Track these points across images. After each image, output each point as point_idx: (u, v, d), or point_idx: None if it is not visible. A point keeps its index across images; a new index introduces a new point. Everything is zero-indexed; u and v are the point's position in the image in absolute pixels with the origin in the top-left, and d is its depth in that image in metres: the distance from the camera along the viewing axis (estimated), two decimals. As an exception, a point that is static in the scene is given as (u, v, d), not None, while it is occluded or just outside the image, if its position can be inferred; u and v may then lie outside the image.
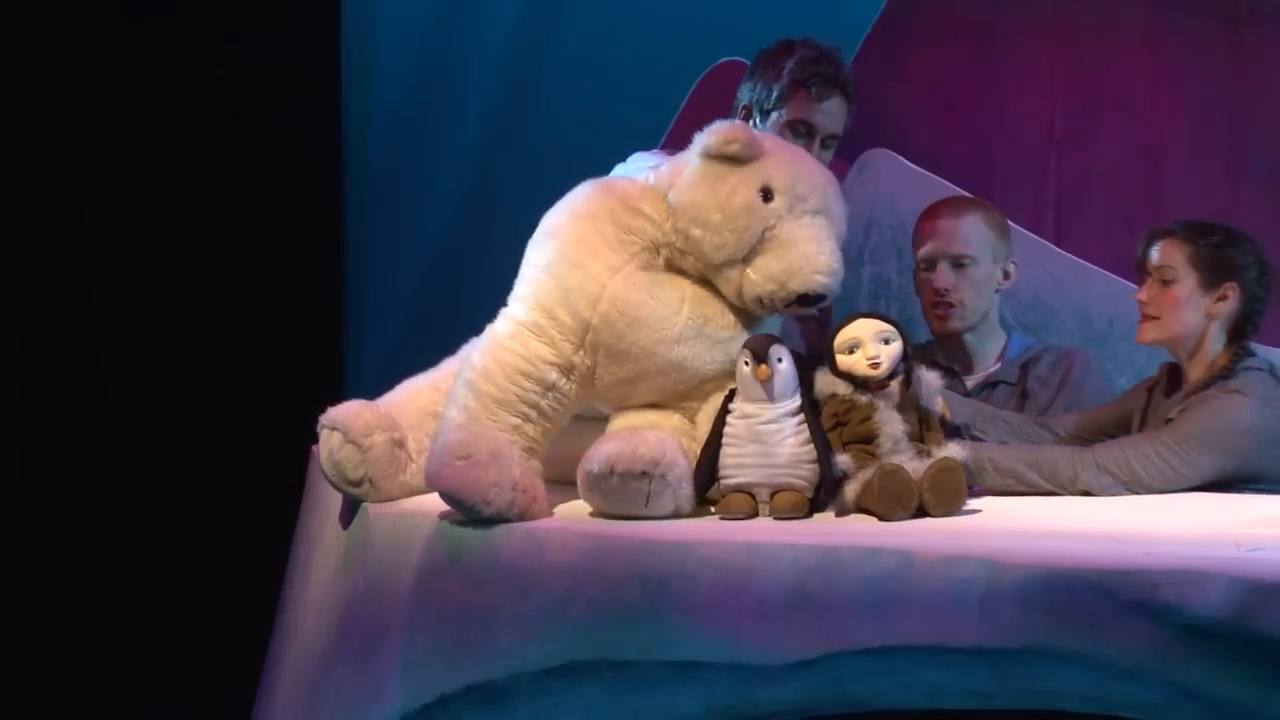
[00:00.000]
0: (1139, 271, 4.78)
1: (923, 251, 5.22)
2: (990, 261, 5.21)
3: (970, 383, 5.19)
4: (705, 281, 4.26)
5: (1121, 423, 4.75)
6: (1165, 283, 4.71)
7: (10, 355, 6.18)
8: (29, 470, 6.20)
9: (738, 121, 4.40)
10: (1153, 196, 6.02)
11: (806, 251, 4.16)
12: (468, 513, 4.07)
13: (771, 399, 4.13)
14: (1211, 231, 4.73)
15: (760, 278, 4.18)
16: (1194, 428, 4.52)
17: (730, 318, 4.25)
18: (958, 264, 5.19)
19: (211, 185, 6.14)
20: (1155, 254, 4.73)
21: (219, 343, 6.14)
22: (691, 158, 4.28)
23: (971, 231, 5.19)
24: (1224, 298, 4.68)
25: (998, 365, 5.24)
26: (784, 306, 4.20)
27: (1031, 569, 3.68)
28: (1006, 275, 5.25)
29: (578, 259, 4.25)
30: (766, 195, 4.21)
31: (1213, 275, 4.68)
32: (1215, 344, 4.70)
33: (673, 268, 4.27)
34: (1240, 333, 4.70)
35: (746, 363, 4.15)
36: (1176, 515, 4.20)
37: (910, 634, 3.72)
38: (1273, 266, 4.81)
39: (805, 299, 4.17)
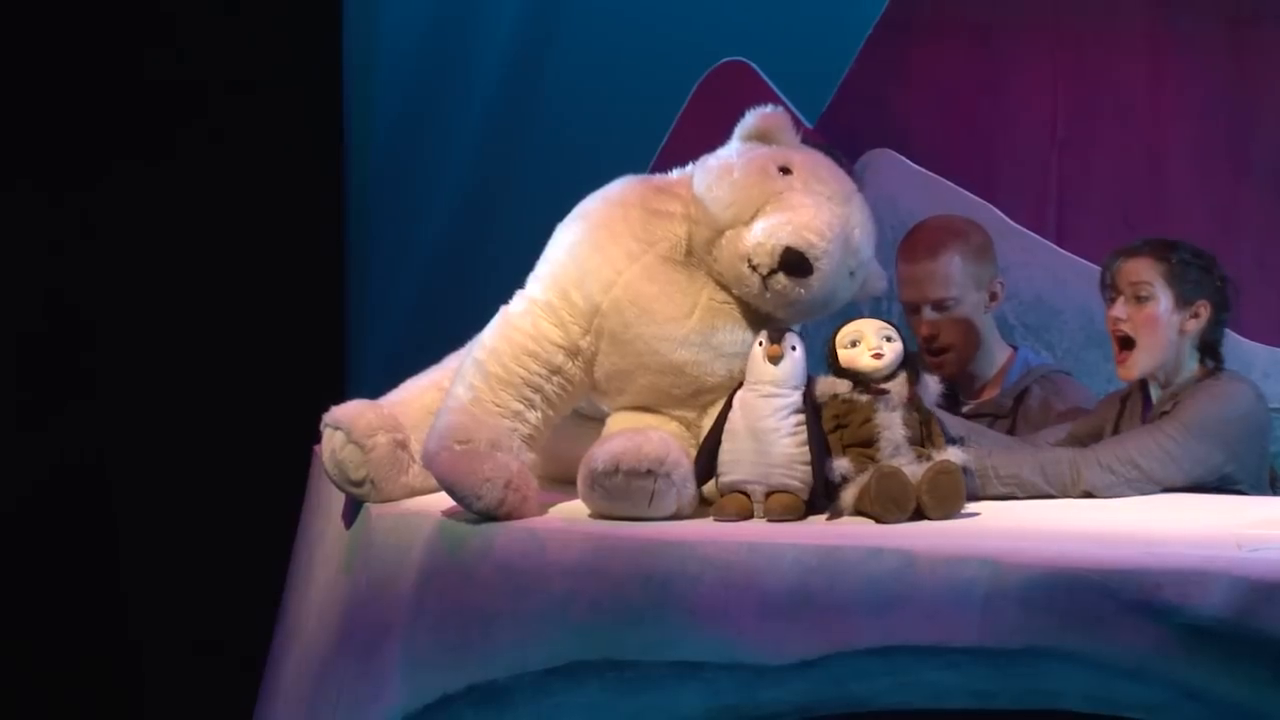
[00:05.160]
0: (1106, 291, 4.70)
1: (904, 296, 5.16)
2: (974, 291, 5.15)
3: (965, 409, 5.13)
4: (721, 293, 4.24)
5: (1096, 435, 4.69)
6: (1141, 299, 4.65)
7: (11, 355, 6.19)
8: (30, 469, 6.20)
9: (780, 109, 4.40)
10: (1154, 197, 6.02)
11: (805, 213, 4.13)
12: (458, 501, 4.09)
13: (776, 382, 4.12)
14: (1180, 248, 4.69)
15: (752, 232, 4.14)
16: (1195, 413, 4.50)
17: (739, 334, 4.22)
18: (940, 307, 5.15)
19: (214, 185, 6.15)
20: (1127, 272, 4.66)
21: (222, 342, 6.14)
22: (730, 142, 4.32)
23: (950, 271, 5.12)
24: (1196, 315, 4.65)
25: (996, 391, 5.18)
26: (770, 272, 4.12)
27: (1034, 569, 3.68)
28: (994, 296, 5.20)
29: (600, 243, 4.26)
30: (785, 171, 4.22)
31: (1186, 292, 4.64)
32: (1189, 363, 4.67)
33: (693, 260, 4.26)
34: (1209, 349, 4.67)
35: (761, 342, 4.15)
36: (1178, 516, 4.20)
37: (912, 634, 3.72)
38: (1272, 267, 4.80)
39: (791, 259, 4.09)
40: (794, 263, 4.11)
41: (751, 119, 4.31)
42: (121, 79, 6.14)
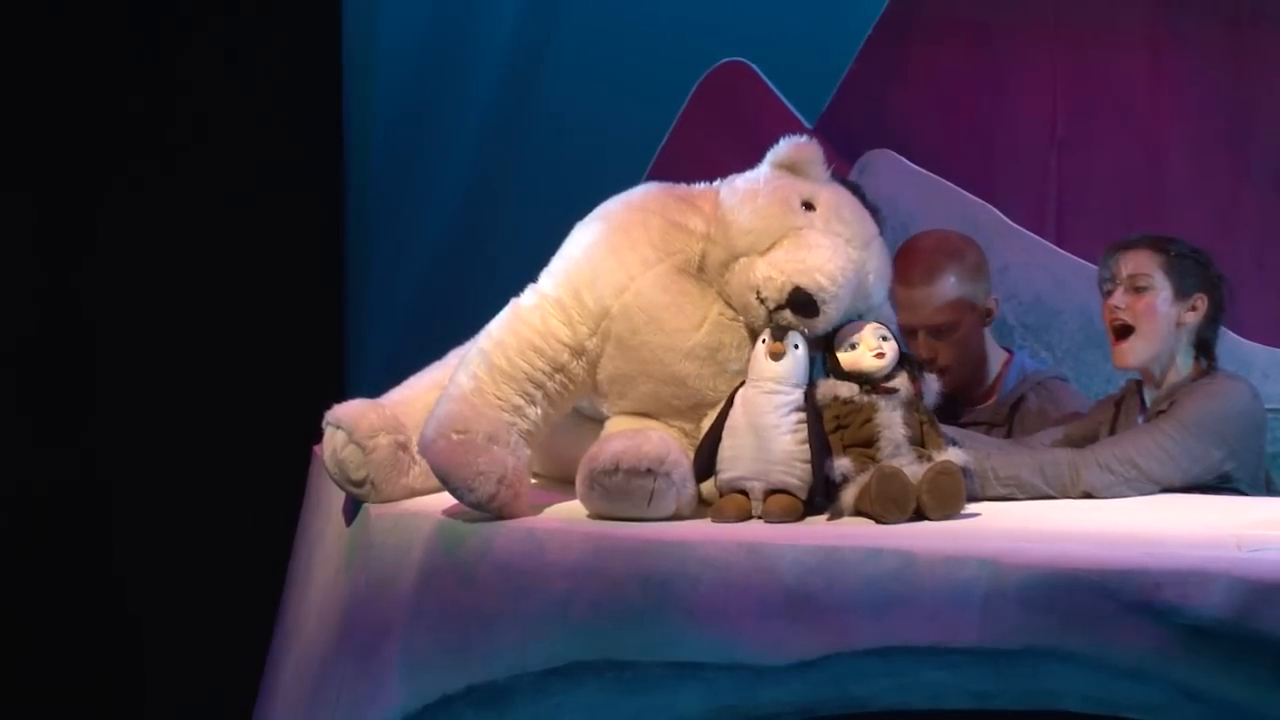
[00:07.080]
0: (1105, 284, 4.69)
1: (901, 320, 5.12)
2: (971, 311, 5.14)
3: (961, 418, 5.11)
4: (731, 310, 4.24)
5: (1091, 438, 4.68)
6: (1139, 290, 4.64)
7: (11, 355, 6.19)
8: (30, 469, 6.20)
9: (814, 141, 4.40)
10: (1154, 197, 6.02)
11: (820, 254, 4.14)
12: (450, 491, 4.10)
13: (778, 379, 4.12)
14: (1177, 242, 4.70)
15: (765, 264, 4.15)
16: (1193, 413, 4.50)
17: (745, 353, 4.21)
18: (938, 333, 5.14)
19: (214, 185, 6.15)
20: (1126, 263, 4.66)
21: (222, 341, 6.15)
22: (761, 167, 4.31)
23: (946, 293, 5.11)
24: (1194, 309, 4.65)
25: (993, 398, 5.17)
26: (776, 307, 4.13)
27: (1033, 570, 3.68)
28: (989, 313, 5.19)
29: (616, 246, 4.26)
30: (808, 206, 4.22)
31: (1185, 285, 4.64)
32: (1185, 358, 4.66)
33: (705, 275, 4.26)
34: (1204, 348, 4.66)
35: (763, 339, 4.15)
36: (1178, 516, 4.20)
37: (912, 634, 3.72)
38: (1271, 268, 4.79)
39: (799, 299, 4.11)
40: (801, 302, 4.12)
41: (784, 147, 4.31)
42: (120, 79, 6.14)
